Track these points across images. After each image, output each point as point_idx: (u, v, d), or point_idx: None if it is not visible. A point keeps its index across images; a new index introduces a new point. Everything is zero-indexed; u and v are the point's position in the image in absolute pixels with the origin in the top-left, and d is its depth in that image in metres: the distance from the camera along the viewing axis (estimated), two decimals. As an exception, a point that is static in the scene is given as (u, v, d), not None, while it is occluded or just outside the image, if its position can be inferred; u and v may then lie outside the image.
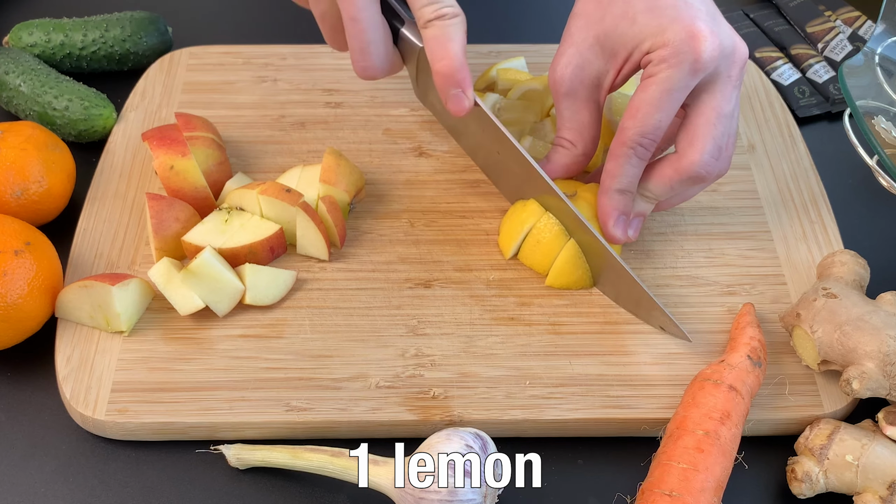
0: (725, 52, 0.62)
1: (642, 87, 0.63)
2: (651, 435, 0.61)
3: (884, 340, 0.58)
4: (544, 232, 0.67)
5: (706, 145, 0.64)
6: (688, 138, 0.64)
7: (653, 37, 0.62)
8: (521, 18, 0.92)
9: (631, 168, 0.65)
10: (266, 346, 0.65)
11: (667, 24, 0.62)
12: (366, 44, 0.65)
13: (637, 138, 0.63)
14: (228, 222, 0.68)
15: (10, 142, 0.69)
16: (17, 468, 0.61)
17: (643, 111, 0.62)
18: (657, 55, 0.62)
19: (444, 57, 0.64)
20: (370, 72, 0.67)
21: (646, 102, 0.62)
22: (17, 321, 0.63)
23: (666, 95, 0.62)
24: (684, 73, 0.61)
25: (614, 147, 0.64)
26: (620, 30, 0.63)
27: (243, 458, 0.60)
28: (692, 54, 0.61)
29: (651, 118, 0.62)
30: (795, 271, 0.69)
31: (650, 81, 0.62)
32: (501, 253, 0.70)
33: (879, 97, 0.71)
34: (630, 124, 0.63)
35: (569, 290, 0.68)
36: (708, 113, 0.63)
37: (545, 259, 0.67)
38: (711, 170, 0.64)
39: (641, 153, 0.64)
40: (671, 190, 0.66)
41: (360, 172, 0.73)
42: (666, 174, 0.65)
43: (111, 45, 0.83)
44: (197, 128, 0.73)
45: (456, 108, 0.65)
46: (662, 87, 0.62)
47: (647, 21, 0.62)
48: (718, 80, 0.63)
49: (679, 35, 0.61)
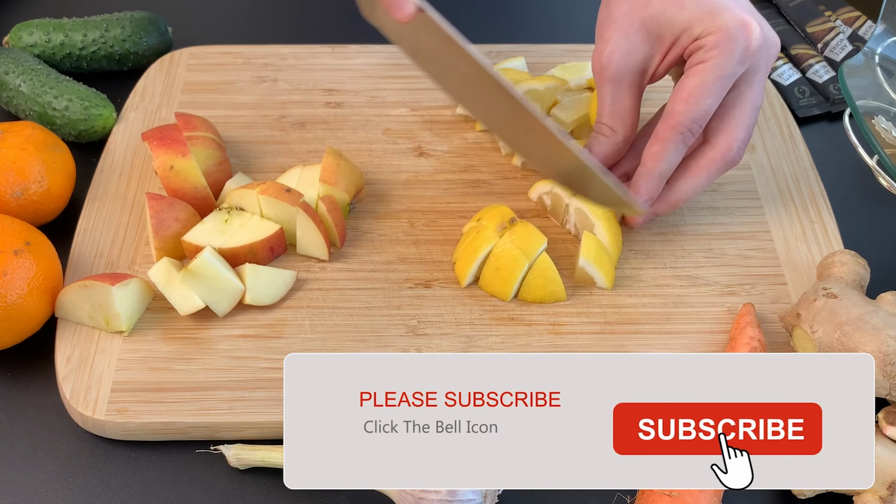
0: (767, 43, 0.63)
1: (693, 73, 0.63)
2: (651, 435, 0.61)
3: (884, 340, 0.58)
4: (502, 257, 0.66)
5: (740, 134, 0.65)
6: (721, 127, 0.66)
7: (703, 22, 0.62)
8: (521, 18, 0.92)
9: (676, 153, 0.65)
10: (266, 346, 0.65)
11: (717, 10, 0.62)
12: None
13: (688, 123, 0.64)
14: (228, 222, 0.68)
15: (10, 142, 0.69)
16: (17, 468, 0.61)
17: (696, 96, 0.63)
18: (710, 40, 0.62)
19: None
20: None
21: (698, 87, 0.63)
22: (17, 321, 0.63)
23: (719, 81, 0.62)
24: (735, 61, 0.62)
25: (662, 130, 0.65)
26: (668, 14, 0.64)
27: (243, 458, 0.60)
28: (745, 41, 0.62)
29: (703, 103, 0.63)
30: (795, 271, 0.69)
31: (702, 67, 0.62)
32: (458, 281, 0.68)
33: (879, 97, 0.71)
34: (682, 108, 0.63)
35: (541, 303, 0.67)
36: (745, 104, 0.65)
37: (506, 286, 0.66)
38: (741, 155, 0.66)
39: (689, 139, 0.65)
40: (705, 183, 0.67)
41: (360, 172, 0.73)
42: (701, 165, 0.67)
43: (111, 45, 0.83)
44: (197, 128, 0.73)
45: (399, 13, 0.61)
46: (716, 73, 0.62)
47: (696, 6, 0.63)
48: (758, 71, 0.64)
49: (732, 22, 0.62)
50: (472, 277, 0.68)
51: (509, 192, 0.74)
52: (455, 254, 0.69)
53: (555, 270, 0.66)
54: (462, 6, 0.64)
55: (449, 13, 0.68)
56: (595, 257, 0.67)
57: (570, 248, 0.71)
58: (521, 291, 0.67)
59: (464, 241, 0.69)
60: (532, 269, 0.66)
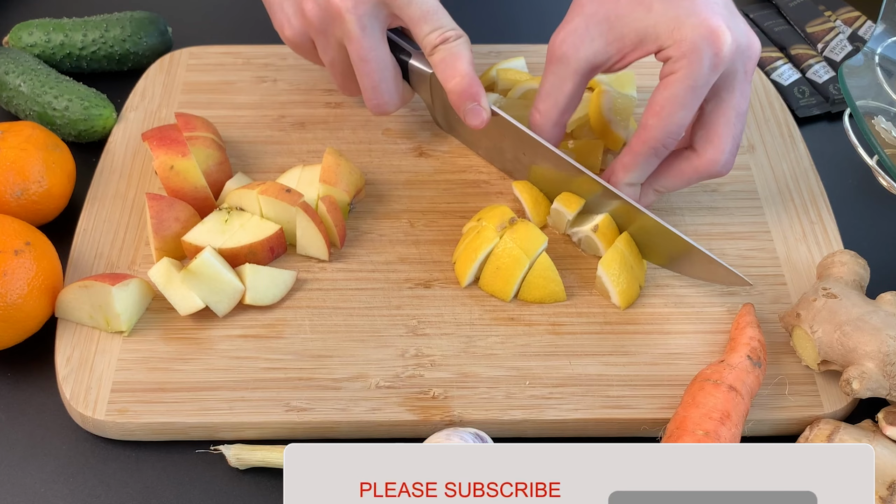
0: (741, 48, 0.62)
1: (664, 85, 0.62)
2: (651, 435, 0.61)
3: (884, 340, 0.58)
4: (503, 257, 0.66)
5: (726, 144, 0.65)
6: (707, 136, 0.65)
7: (669, 31, 0.62)
8: (521, 18, 0.92)
9: (647, 166, 0.65)
10: (266, 346, 0.65)
11: (683, 16, 0.61)
12: (377, 82, 0.68)
13: (662, 137, 0.63)
14: (228, 222, 0.68)
15: (10, 142, 0.69)
16: (17, 468, 0.61)
17: (668, 109, 0.62)
18: (676, 51, 0.61)
19: (454, 75, 0.66)
20: (383, 108, 0.70)
21: (669, 100, 0.62)
22: (17, 321, 0.63)
23: (690, 93, 0.62)
24: (705, 70, 0.61)
25: (636, 144, 0.65)
26: (635, 15, 0.63)
27: (243, 459, 0.60)
28: (712, 50, 0.61)
29: (676, 116, 0.62)
30: (795, 271, 0.69)
31: (672, 79, 0.62)
32: (458, 281, 0.68)
33: (879, 97, 0.71)
34: (654, 122, 0.63)
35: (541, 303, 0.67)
36: (727, 112, 0.64)
37: (506, 286, 0.66)
38: (729, 167, 0.66)
39: (662, 152, 0.65)
40: (686, 185, 0.67)
41: (360, 172, 0.73)
42: (684, 171, 0.66)
43: (111, 45, 0.83)
44: (197, 128, 0.73)
45: (475, 121, 0.67)
46: (685, 84, 0.61)
47: (663, 11, 0.62)
48: (736, 76, 0.63)
49: (698, 31, 0.61)
50: (472, 277, 0.68)
51: (509, 192, 0.74)
52: (455, 254, 0.69)
53: (555, 270, 0.66)
54: (462, 6, 0.64)
55: (450, 13, 0.68)
56: (614, 271, 0.66)
57: (571, 248, 0.71)
58: (521, 291, 0.67)
59: (464, 241, 0.69)
60: (532, 268, 0.66)
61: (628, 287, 0.66)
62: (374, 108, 0.70)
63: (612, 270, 0.66)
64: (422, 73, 0.70)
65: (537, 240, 0.67)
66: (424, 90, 0.73)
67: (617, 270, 0.66)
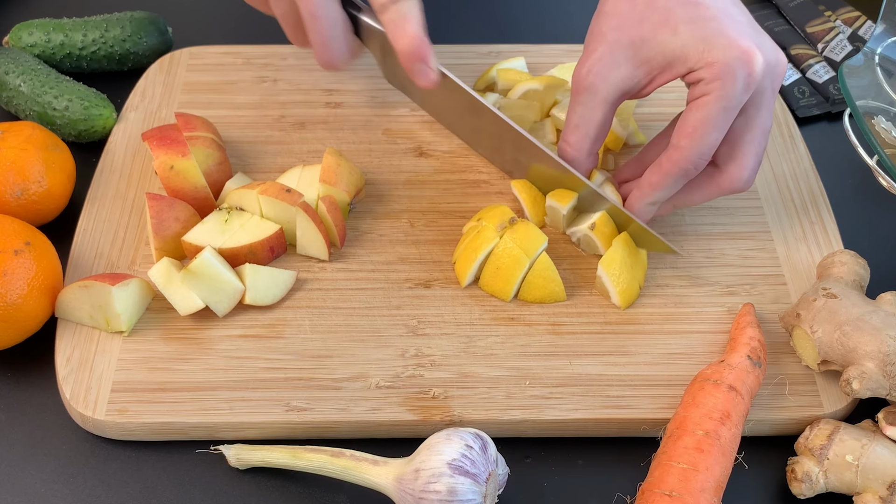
0: (770, 66, 0.62)
1: (696, 106, 0.61)
2: (651, 435, 0.61)
3: (884, 340, 0.58)
4: (503, 257, 0.66)
5: (750, 162, 0.64)
6: (731, 153, 0.65)
7: (699, 53, 0.61)
8: (521, 19, 0.92)
9: (675, 185, 0.65)
10: (266, 346, 0.65)
11: (712, 38, 0.60)
12: (327, 39, 0.67)
13: (694, 159, 0.63)
14: (228, 222, 0.68)
15: (10, 142, 0.69)
16: (17, 468, 0.61)
17: (700, 130, 0.62)
18: (709, 73, 0.60)
19: (403, 36, 0.66)
20: (333, 63, 0.69)
21: (702, 122, 0.61)
22: (17, 321, 0.63)
23: (723, 114, 0.61)
24: (738, 91, 0.60)
25: (665, 163, 0.64)
26: (660, 38, 0.62)
27: (243, 459, 0.60)
28: (746, 71, 0.60)
29: (708, 137, 0.62)
30: (795, 271, 0.69)
31: (705, 101, 0.61)
32: (458, 281, 0.68)
33: (879, 97, 0.71)
34: (686, 143, 0.62)
35: (541, 303, 0.67)
36: (753, 130, 0.64)
37: (507, 286, 0.66)
38: (751, 183, 0.66)
39: (692, 173, 0.64)
40: (706, 200, 0.68)
41: (360, 172, 0.73)
42: (706, 188, 0.66)
43: (111, 45, 0.83)
44: (197, 128, 0.73)
45: (423, 81, 0.67)
46: (718, 106, 0.61)
47: (689, 32, 0.61)
48: (765, 94, 0.63)
49: (729, 53, 0.60)
50: (473, 277, 0.68)
51: (509, 192, 0.74)
52: (455, 254, 0.69)
53: (555, 270, 0.66)
54: (463, 6, 0.64)
55: (450, 13, 0.68)
56: (614, 271, 0.66)
57: (571, 248, 0.71)
58: (521, 291, 0.67)
59: (464, 241, 0.69)
60: (532, 268, 0.66)
61: (628, 287, 0.66)
62: (324, 64, 0.69)
63: (612, 270, 0.66)
64: (372, 29, 0.70)
65: (537, 240, 0.67)
66: (375, 46, 0.72)
67: (617, 270, 0.66)
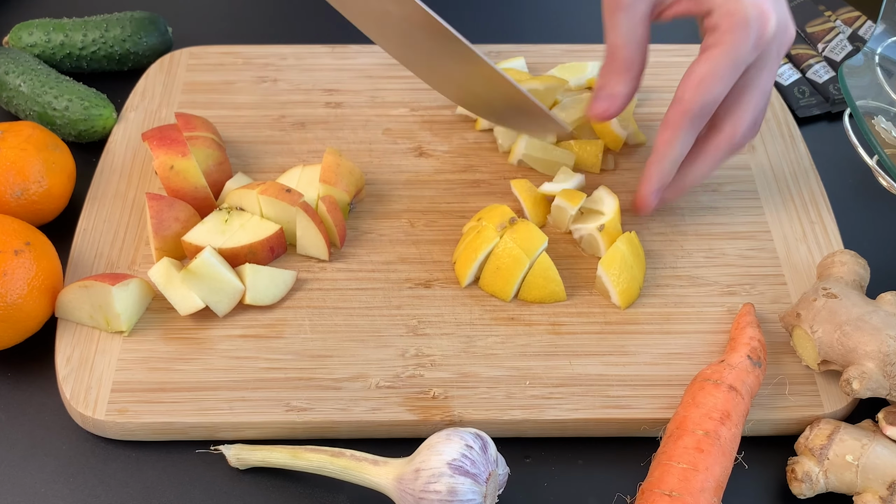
0: (780, 31, 0.63)
1: (706, 58, 0.62)
2: (651, 435, 0.61)
3: (884, 340, 0.58)
4: (503, 257, 0.66)
5: (747, 119, 0.65)
6: (728, 111, 0.65)
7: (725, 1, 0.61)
8: (521, 18, 0.92)
9: (687, 138, 0.65)
10: (266, 346, 0.65)
11: None
12: None
13: (698, 109, 0.63)
14: (228, 222, 0.68)
15: (10, 142, 0.69)
16: (17, 468, 0.61)
17: (707, 82, 0.62)
18: (726, 22, 0.61)
19: None
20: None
21: (709, 74, 0.62)
22: (17, 321, 0.63)
23: (730, 69, 0.62)
24: (748, 48, 0.61)
25: (672, 117, 0.64)
26: None
27: (243, 459, 0.60)
28: (759, 29, 0.61)
29: (714, 89, 0.62)
30: (795, 271, 0.69)
31: (716, 52, 0.61)
32: (458, 281, 0.68)
33: (879, 97, 0.71)
34: (691, 95, 0.63)
35: (541, 303, 0.67)
36: (754, 91, 0.64)
37: (507, 285, 0.66)
38: (748, 138, 0.66)
39: (699, 124, 0.64)
40: (715, 166, 0.67)
41: (360, 172, 0.73)
42: (708, 152, 0.66)
43: (111, 45, 0.83)
44: (197, 128, 0.73)
45: None
46: (728, 59, 0.61)
47: None
48: (769, 58, 0.63)
49: (751, 8, 0.60)
50: (473, 277, 0.68)
51: (509, 191, 0.74)
52: (455, 254, 0.69)
53: (555, 270, 0.66)
54: (462, 6, 0.64)
55: (450, 13, 0.68)
56: (614, 271, 0.66)
57: (571, 247, 0.71)
58: (522, 291, 0.67)
59: (464, 240, 0.69)
60: (532, 268, 0.66)
61: (628, 287, 0.66)
62: None
63: (613, 270, 0.66)
64: None
65: (537, 240, 0.67)
66: None
67: (617, 270, 0.66)
